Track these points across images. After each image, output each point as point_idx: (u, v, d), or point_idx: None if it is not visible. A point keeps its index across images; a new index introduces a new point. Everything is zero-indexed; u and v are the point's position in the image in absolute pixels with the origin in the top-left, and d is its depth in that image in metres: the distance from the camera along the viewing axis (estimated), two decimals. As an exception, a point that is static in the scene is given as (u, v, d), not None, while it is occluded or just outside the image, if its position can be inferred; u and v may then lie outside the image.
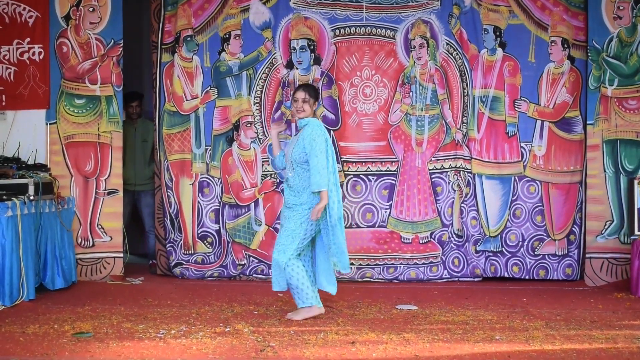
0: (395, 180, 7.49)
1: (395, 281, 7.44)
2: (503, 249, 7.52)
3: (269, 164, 7.53)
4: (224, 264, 7.54)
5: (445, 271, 7.48)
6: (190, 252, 7.56)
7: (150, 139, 8.04)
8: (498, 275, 7.53)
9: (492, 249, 7.52)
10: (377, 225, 7.46)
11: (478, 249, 7.52)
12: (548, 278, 7.47)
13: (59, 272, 6.72)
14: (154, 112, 7.75)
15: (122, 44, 7.43)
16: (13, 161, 6.76)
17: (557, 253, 7.49)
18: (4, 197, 6.10)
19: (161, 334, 5.08)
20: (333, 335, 5.05)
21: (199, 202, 7.56)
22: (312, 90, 5.73)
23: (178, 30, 7.54)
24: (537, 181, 7.52)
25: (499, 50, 7.52)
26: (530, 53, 7.51)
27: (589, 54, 7.33)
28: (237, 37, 7.56)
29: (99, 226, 7.38)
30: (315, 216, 5.44)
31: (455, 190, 7.51)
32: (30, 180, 6.36)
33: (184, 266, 7.55)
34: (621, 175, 7.28)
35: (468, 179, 7.52)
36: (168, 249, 7.58)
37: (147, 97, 8.39)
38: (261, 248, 7.50)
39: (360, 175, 7.50)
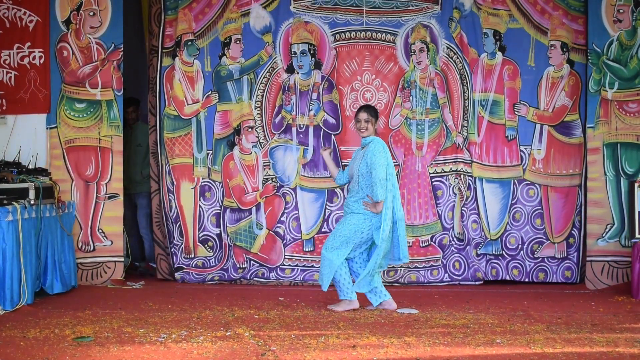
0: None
1: (395, 284, 7.44)
2: (503, 252, 7.53)
3: (270, 168, 7.54)
4: (224, 268, 7.54)
5: (446, 274, 7.48)
6: (190, 256, 7.57)
7: (145, 143, 8.04)
8: (499, 278, 7.54)
9: (493, 252, 7.53)
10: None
11: (479, 252, 7.53)
12: (547, 281, 7.48)
13: (59, 276, 6.72)
14: (149, 115, 7.75)
15: (122, 48, 7.43)
16: (13, 165, 6.77)
17: (557, 256, 7.49)
18: (5, 202, 6.10)
19: (162, 338, 5.08)
20: (334, 339, 5.05)
21: (200, 206, 7.56)
22: (372, 111, 6.26)
23: (179, 34, 7.55)
24: (536, 184, 7.52)
25: (499, 54, 7.54)
26: (529, 57, 7.52)
27: (589, 57, 7.34)
28: (238, 42, 7.57)
29: (100, 230, 7.38)
30: (367, 208, 6.04)
31: (456, 194, 7.51)
32: (30, 184, 6.37)
33: (184, 270, 7.55)
34: (622, 178, 7.29)
35: (469, 183, 7.53)
36: (172, 251, 7.58)
37: (144, 101, 8.38)
38: (262, 252, 7.50)
39: (361, 179, 7.50)
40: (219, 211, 7.56)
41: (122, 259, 7.44)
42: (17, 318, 5.72)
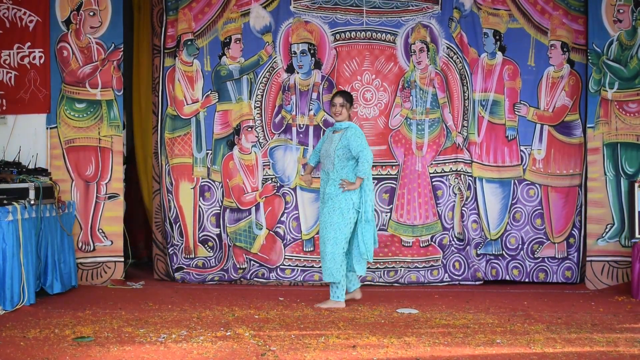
0: (395, 184, 7.49)
1: (395, 284, 7.44)
2: (503, 252, 7.53)
3: (269, 168, 7.54)
4: (224, 268, 7.54)
5: (446, 274, 7.48)
6: (191, 256, 7.57)
7: None
8: (499, 278, 7.54)
9: (493, 252, 7.53)
10: (377, 229, 7.45)
11: (479, 252, 7.53)
12: (547, 281, 7.48)
13: (59, 276, 6.72)
14: (151, 115, 7.74)
15: (122, 48, 7.43)
16: (14, 165, 6.76)
17: (557, 256, 7.50)
18: (5, 202, 6.10)
19: (162, 338, 5.08)
20: (334, 339, 5.06)
21: (200, 206, 7.56)
22: (348, 96, 6.43)
23: (179, 34, 7.55)
24: (536, 184, 7.52)
25: (499, 54, 7.54)
26: (529, 57, 7.52)
27: (589, 57, 7.34)
28: (238, 41, 7.57)
29: (100, 230, 7.38)
30: (345, 188, 6.17)
31: (456, 194, 7.51)
32: (30, 184, 6.37)
33: (184, 270, 7.56)
34: (622, 178, 7.29)
35: (469, 183, 7.53)
36: (170, 253, 7.58)
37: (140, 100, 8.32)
38: (262, 252, 7.50)
39: (361, 179, 7.50)
40: (218, 211, 7.56)
41: (122, 259, 7.44)
42: (17, 318, 5.72)
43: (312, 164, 6.67)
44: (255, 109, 7.55)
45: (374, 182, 7.47)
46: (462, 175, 7.52)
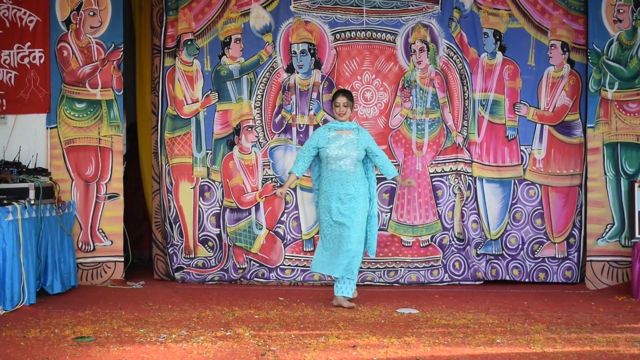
0: (395, 184, 7.49)
1: (395, 285, 7.44)
2: (503, 252, 7.53)
3: (269, 168, 7.54)
4: (224, 268, 7.54)
5: (446, 274, 7.48)
6: (191, 256, 7.57)
7: None
8: (499, 278, 7.54)
9: (493, 252, 7.53)
10: (377, 229, 7.45)
11: (479, 252, 7.53)
12: (548, 281, 7.48)
13: (59, 276, 6.72)
14: (151, 115, 7.74)
15: (122, 48, 7.43)
16: (14, 165, 6.76)
17: (557, 256, 7.50)
18: (5, 202, 6.10)
19: (162, 338, 5.08)
20: (334, 339, 5.06)
21: (199, 206, 7.56)
22: (350, 96, 6.52)
23: (179, 34, 7.55)
24: (536, 184, 7.52)
25: (499, 54, 7.54)
26: (530, 57, 7.52)
27: (589, 57, 7.34)
28: (238, 41, 7.57)
29: (100, 230, 7.38)
30: (410, 184, 6.73)
31: (456, 194, 7.51)
32: (30, 184, 6.37)
33: (184, 270, 7.56)
34: (622, 178, 7.29)
35: (469, 183, 7.53)
36: (170, 253, 7.58)
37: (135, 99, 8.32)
38: (262, 252, 7.50)
39: (361, 179, 7.50)
40: (218, 211, 7.56)
41: (122, 259, 7.44)
42: (17, 318, 5.72)
43: (298, 175, 6.49)
44: (255, 108, 7.55)
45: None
46: (462, 175, 7.52)
